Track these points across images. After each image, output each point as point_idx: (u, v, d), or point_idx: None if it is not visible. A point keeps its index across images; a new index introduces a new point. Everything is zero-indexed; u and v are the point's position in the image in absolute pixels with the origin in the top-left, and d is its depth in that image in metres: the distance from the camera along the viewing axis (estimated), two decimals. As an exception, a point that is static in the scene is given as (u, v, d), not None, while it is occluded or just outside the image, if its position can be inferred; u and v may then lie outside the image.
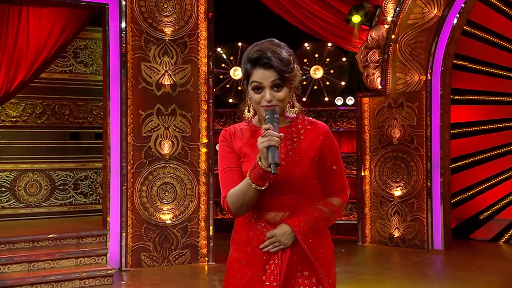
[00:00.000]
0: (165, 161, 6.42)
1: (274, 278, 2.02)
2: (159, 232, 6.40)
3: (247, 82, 2.07)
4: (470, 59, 8.10)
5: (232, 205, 2.05)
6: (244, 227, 2.14)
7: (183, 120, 6.49)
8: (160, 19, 6.46)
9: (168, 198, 6.43)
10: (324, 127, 2.16)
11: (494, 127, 8.04)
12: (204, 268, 6.41)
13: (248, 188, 1.98)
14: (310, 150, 2.09)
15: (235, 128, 2.21)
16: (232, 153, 2.15)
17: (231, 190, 2.06)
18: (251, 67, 2.03)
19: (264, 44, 2.06)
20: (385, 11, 7.58)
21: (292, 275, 2.05)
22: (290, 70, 2.02)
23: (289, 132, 2.11)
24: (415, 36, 7.33)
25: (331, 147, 2.14)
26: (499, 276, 5.89)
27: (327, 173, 2.14)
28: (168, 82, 6.44)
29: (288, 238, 2.03)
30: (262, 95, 2.02)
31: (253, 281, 2.06)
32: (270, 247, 2.05)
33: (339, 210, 2.15)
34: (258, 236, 2.08)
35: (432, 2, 7.21)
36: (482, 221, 8.08)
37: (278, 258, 2.04)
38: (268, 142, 1.88)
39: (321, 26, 7.91)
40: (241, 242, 2.14)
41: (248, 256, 2.10)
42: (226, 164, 2.14)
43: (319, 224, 2.08)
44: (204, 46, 6.58)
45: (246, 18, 8.29)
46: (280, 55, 2.00)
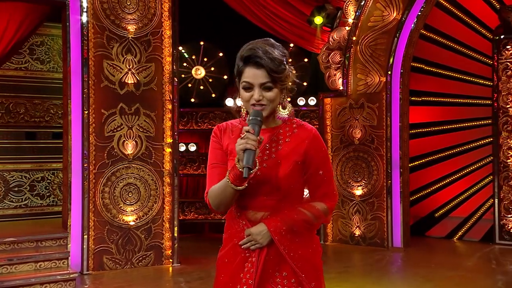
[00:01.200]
0: (128, 162, 6.29)
1: (250, 276, 2.04)
2: (122, 234, 6.26)
3: (239, 80, 2.07)
4: (426, 61, 8.36)
5: (212, 202, 2.09)
6: (228, 226, 2.18)
7: (147, 120, 6.38)
8: (123, 16, 6.32)
9: (131, 199, 6.30)
10: (312, 130, 2.15)
11: (448, 128, 8.33)
12: (169, 270, 6.32)
13: (227, 187, 2.00)
14: (293, 154, 2.08)
15: (227, 124, 2.21)
16: (220, 149, 2.16)
17: (212, 187, 2.09)
18: (243, 65, 2.03)
19: (258, 43, 2.05)
20: (346, 13, 7.71)
21: (270, 275, 2.06)
22: (281, 70, 2.01)
23: (275, 134, 2.11)
24: (375, 38, 7.50)
25: (317, 152, 2.12)
26: (457, 272, 6.11)
27: (312, 177, 2.13)
28: (132, 81, 6.32)
29: (263, 237, 2.04)
30: (251, 94, 2.03)
31: (232, 277, 2.08)
32: (248, 244, 2.06)
33: (322, 215, 2.13)
34: (239, 233, 2.10)
35: (391, 5, 7.40)
36: (437, 219, 8.36)
37: (255, 256, 2.05)
38: (245, 145, 1.89)
39: (284, 26, 7.96)
40: (226, 240, 2.17)
41: (229, 253, 2.12)
42: (212, 160, 2.17)
43: (298, 226, 2.07)
44: (168, 44, 6.49)
45: (209, 17, 8.25)
46: (272, 55, 1.99)
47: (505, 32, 7.71)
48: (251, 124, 1.95)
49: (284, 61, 2.04)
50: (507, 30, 7.69)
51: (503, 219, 7.72)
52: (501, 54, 7.76)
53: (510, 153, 7.70)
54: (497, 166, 7.78)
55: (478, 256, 7.04)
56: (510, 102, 7.69)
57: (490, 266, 6.53)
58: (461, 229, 8.15)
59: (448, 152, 8.32)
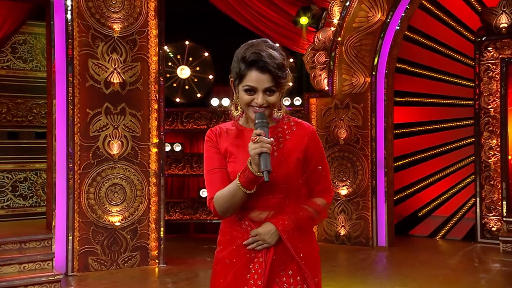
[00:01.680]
0: (114, 162, 6.23)
1: (258, 277, 2.03)
2: (108, 235, 6.20)
3: (239, 82, 2.05)
4: (409, 62, 8.46)
5: (219, 207, 2.05)
6: (229, 228, 2.15)
7: (133, 120, 6.33)
8: (108, 15, 6.26)
9: (117, 199, 6.25)
10: (310, 127, 2.18)
11: (431, 128, 8.43)
12: (155, 271, 6.28)
13: (237, 191, 1.98)
14: (295, 151, 2.10)
15: (221, 128, 2.20)
16: (217, 153, 2.14)
17: (218, 192, 2.06)
18: (246, 68, 2.01)
19: (261, 45, 2.04)
20: (331, 14, 7.75)
21: (276, 274, 2.06)
22: (285, 75, 2.03)
23: (275, 133, 2.12)
24: (360, 39, 7.55)
25: (316, 148, 2.16)
26: (441, 271, 6.19)
27: (312, 173, 2.16)
28: (117, 80, 6.26)
29: (272, 237, 2.04)
30: (253, 97, 2.02)
31: (237, 279, 2.07)
32: (254, 245, 2.05)
33: (323, 210, 2.17)
34: (242, 234, 2.09)
35: (376, 6, 7.46)
36: (420, 218, 8.46)
37: (262, 256, 2.05)
38: (260, 149, 1.89)
39: (269, 26, 7.97)
40: (226, 242, 2.14)
41: (232, 255, 2.10)
42: (211, 165, 2.14)
43: (304, 224, 2.09)
44: (154, 44, 6.45)
45: (194, 17, 8.21)
46: (277, 60, 2.00)
47: (487, 34, 7.83)
48: (260, 127, 1.95)
49: (286, 64, 2.05)
50: (488, 32, 7.81)
51: (484, 218, 7.84)
52: (482, 55, 7.88)
53: (491, 153, 7.82)
54: (478, 166, 7.90)
55: (461, 255, 7.14)
56: (491, 103, 7.82)
57: (473, 264, 6.63)
58: (444, 228, 8.26)
59: (431, 152, 8.43)
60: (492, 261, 6.70)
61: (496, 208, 7.75)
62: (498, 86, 7.77)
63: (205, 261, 6.71)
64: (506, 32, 7.63)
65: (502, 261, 6.66)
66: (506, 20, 7.62)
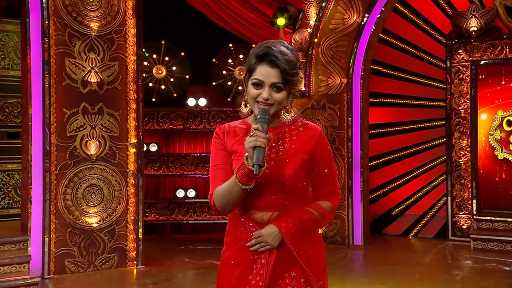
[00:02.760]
0: (91, 162, 6.14)
1: (260, 278, 2.03)
2: (85, 236, 6.11)
3: (249, 76, 2.05)
4: (383, 64, 8.61)
5: (218, 203, 2.06)
6: (233, 227, 2.15)
7: (110, 119, 6.25)
8: (86, 14, 6.16)
9: (94, 200, 6.16)
10: (318, 129, 2.16)
11: (404, 128, 8.61)
12: (133, 272, 6.22)
13: (234, 186, 1.98)
14: (300, 152, 2.08)
15: (230, 126, 2.19)
16: (223, 150, 2.14)
17: (218, 187, 2.06)
18: (256, 62, 2.02)
19: (274, 42, 2.05)
20: (307, 15, 7.83)
21: (279, 276, 2.05)
22: (294, 74, 2.02)
23: (282, 133, 2.11)
24: (336, 40, 7.65)
25: (323, 150, 2.14)
26: (417, 268, 6.33)
27: (318, 175, 2.14)
28: (95, 80, 6.18)
29: (274, 239, 2.03)
30: (259, 91, 2.02)
31: (240, 280, 2.07)
32: (257, 246, 2.05)
33: (329, 214, 2.15)
34: (245, 235, 2.09)
35: (352, 8, 7.57)
36: (393, 217, 8.62)
37: (265, 258, 2.04)
38: (255, 142, 1.88)
39: (246, 27, 7.99)
40: (230, 243, 2.15)
41: (236, 256, 2.10)
42: (216, 161, 2.15)
43: (307, 226, 2.08)
44: (132, 43, 6.39)
45: (171, 16, 8.16)
46: (288, 56, 2.00)
47: (457, 37, 8.05)
48: (259, 122, 1.95)
49: (297, 65, 2.04)
50: (459, 35, 8.03)
51: (455, 216, 8.06)
52: (453, 58, 8.10)
53: (462, 153, 8.04)
54: (450, 166, 8.12)
55: (434, 252, 7.31)
56: (462, 104, 8.04)
57: (446, 261, 6.80)
58: (416, 226, 8.45)
59: (404, 152, 8.61)
60: (464, 258, 6.89)
61: (466, 206, 7.97)
62: (468, 88, 8.00)
63: (183, 261, 6.69)
64: (476, 35, 7.85)
65: (473, 258, 6.86)
66: (475, 24, 7.84)
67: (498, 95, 7.87)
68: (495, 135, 7.89)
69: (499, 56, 7.83)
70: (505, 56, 7.79)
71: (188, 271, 6.24)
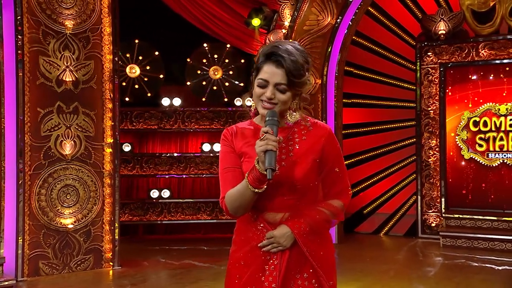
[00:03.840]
0: (66, 162, 6.05)
1: (273, 279, 2.01)
2: (60, 238, 6.01)
3: (256, 75, 2.03)
4: (355, 65, 8.77)
5: (230, 206, 2.04)
6: (244, 228, 2.13)
7: (86, 119, 6.16)
8: (60, 11, 6.06)
9: (69, 201, 6.07)
10: (327, 128, 2.15)
11: (375, 129, 8.79)
12: (109, 273, 6.15)
13: (246, 190, 1.96)
14: (311, 152, 2.07)
15: (237, 127, 2.17)
16: (232, 152, 2.12)
17: (229, 191, 2.04)
18: (263, 61, 2.01)
19: (283, 42, 2.04)
20: (282, 16, 7.89)
21: (291, 276, 2.04)
22: (300, 75, 1.99)
23: (291, 133, 2.09)
24: (311, 41, 7.74)
25: (333, 149, 2.13)
26: (390, 265, 6.48)
27: (328, 174, 2.13)
28: (70, 79, 6.08)
29: (287, 240, 2.02)
30: (264, 91, 2.00)
31: (252, 281, 2.05)
32: (269, 247, 2.04)
33: (340, 213, 2.14)
34: (257, 236, 2.07)
35: (326, 10, 7.68)
36: (365, 215, 8.79)
37: (277, 259, 2.03)
38: (266, 146, 1.86)
39: (221, 27, 8.00)
40: (241, 243, 2.12)
41: (247, 256, 2.08)
42: (226, 164, 2.12)
43: (320, 226, 2.07)
44: (108, 41, 6.32)
45: (144, 15, 8.08)
46: (295, 57, 1.98)
47: (427, 40, 8.27)
48: (268, 125, 1.92)
49: (306, 67, 2.02)
50: (428, 38, 8.25)
51: (424, 215, 8.28)
52: (423, 60, 8.31)
53: (431, 152, 8.27)
54: (419, 165, 8.33)
55: (406, 250, 7.50)
56: (431, 105, 8.26)
57: (418, 258, 6.98)
58: (387, 224, 8.63)
59: (375, 152, 8.78)
60: (434, 255, 7.09)
61: (435, 205, 8.20)
62: (437, 89, 8.23)
63: (159, 262, 6.66)
64: (444, 38, 8.08)
65: (443, 255, 7.06)
66: (444, 27, 8.06)
67: (465, 97, 8.12)
68: (461, 136, 8.13)
69: (466, 59, 8.08)
70: (472, 58, 8.04)
71: (165, 272, 6.21)
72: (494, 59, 7.90)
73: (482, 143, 7.97)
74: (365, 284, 5.55)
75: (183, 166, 8.12)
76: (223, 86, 8.33)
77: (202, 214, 8.13)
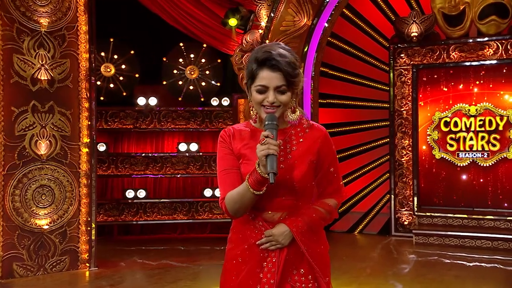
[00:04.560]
0: (41, 162, 5.95)
1: (271, 276, 2.06)
2: (35, 239, 5.91)
3: (251, 82, 2.07)
4: (330, 66, 8.87)
5: (230, 208, 2.08)
6: (241, 226, 2.17)
7: (62, 118, 6.07)
8: (35, 9, 5.96)
9: (45, 202, 5.97)
10: (323, 130, 2.22)
11: (350, 129, 8.91)
12: (85, 275, 6.08)
13: (246, 192, 2.01)
14: (308, 153, 2.13)
15: (234, 129, 2.21)
16: (230, 154, 2.15)
17: (229, 193, 2.08)
18: (258, 68, 2.04)
19: (272, 46, 2.08)
20: (258, 17, 7.92)
21: (289, 273, 2.10)
22: (296, 74, 2.06)
23: (288, 135, 2.15)
24: (287, 42, 7.78)
25: (329, 150, 2.20)
26: (366, 263, 6.59)
27: (324, 175, 2.20)
28: (45, 77, 5.98)
29: (285, 238, 2.08)
30: (264, 96, 2.04)
31: (250, 277, 2.10)
32: (267, 245, 2.09)
33: (334, 211, 2.23)
34: (255, 234, 2.12)
35: (302, 11, 7.75)
36: (340, 214, 8.89)
37: (276, 256, 2.08)
38: (267, 150, 1.91)
39: (197, 26, 7.98)
40: (238, 241, 2.17)
41: (245, 254, 2.13)
42: (224, 166, 2.15)
43: (316, 225, 2.15)
44: (84, 40, 6.23)
45: (120, 14, 8.00)
46: (288, 58, 2.03)
47: (400, 42, 8.43)
48: (268, 129, 1.97)
49: (297, 65, 2.08)
50: (401, 40, 8.41)
51: (397, 213, 8.43)
52: (396, 61, 8.47)
53: (404, 152, 8.43)
54: (393, 165, 8.48)
55: (380, 248, 7.63)
56: (404, 105, 8.42)
57: (393, 256, 7.12)
58: (361, 223, 8.77)
59: (350, 151, 8.90)
60: (408, 253, 7.23)
61: (408, 203, 8.36)
62: (410, 90, 8.39)
63: (136, 262, 6.61)
64: (417, 40, 8.25)
65: (417, 252, 7.21)
66: (416, 30, 8.23)
67: (437, 98, 8.31)
68: (433, 136, 8.33)
69: (437, 61, 8.26)
70: (443, 60, 8.24)
71: (143, 272, 6.17)
72: (464, 61, 8.11)
73: (453, 143, 8.18)
74: (343, 282, 5.62)
75: (159, 166, 8.07)
76: (200, 85, 8.31)
77: (178, 214, 8.10)
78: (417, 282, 5.67)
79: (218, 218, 8.13)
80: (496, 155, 7.94)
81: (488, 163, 8.00)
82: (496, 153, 7.94)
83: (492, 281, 5.71)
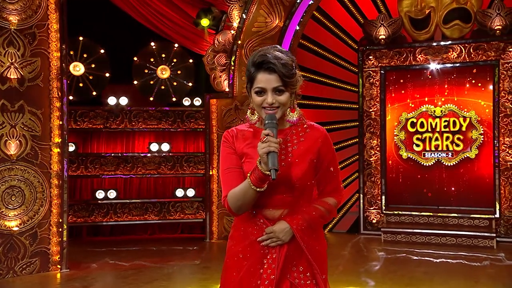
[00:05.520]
0: (11, 163, 5.82)
1: (271, 272, 2.13)
2: (4, 241, 5.78)
3: (251, 85, 2.16)
4: (300, 67, 8.90)
5: (233, 205, 2.14)
6: (242, 223, 2.23)
7: (32, 118, 5.96)
8: (4, 6, 5.83)
9: (15, 203, 5.85)
10: (323, 130, 2.31)
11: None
12: (56, 277, 5.98)
13: (248, 189, 2.08)
14: (309, 152, 2.21)
15: (237, 129, 2.28)
16: (233, 154, 2.22)
17: (231, 191, 2.15)
18: (255, 71, 2.13)
19: (268, 49, 2.16)
20: (230, 17, 7.96)
21: (288, 269, 2.17)
22: (292, 75, 2.15)
23: (290, 135, 2.23)
24: (259, 43, 7.87)
25: (328, 150, 2.29)
26: (338, 261, 6.71)
27: (324, 174, 2.28)
28: (15, 76, 5.86)
29: (286, 235, 2.15)
30: (264, 98, 2.13)
31: (250, 273, 2.16)
32: (268, 241, 2.16)
33: (333, 210, 2.31)
34: (256, 231, 2.19)
35: (274, 13, 7.83)
36: (310, 213, 9.00)
37: (276, 252, 2.16)
38: (268, 148, 1.99)
39: (169, 26, 7.96)
40: (239, 237, 2.23)
41: (246, 250, 2.19)
42: (227, 165, 2.22)
43: (316, 223, 2.22)
44: (55, 39, 6.14)
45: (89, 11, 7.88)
46: (283, 60, 2.11)
47: (368, 44, 8.60)
48: (268, 128, 2.05)
49: (294, 66, 2.17)
50: (369, 42, 8.59)
51: (366, 212, 8.61)
52: (364, 63, 8.65)
53: (372, 152, 8.61)
54: (361, 164, 8.66)
55: (350, 246, 7.77)
56: (372, 106, 8.61)
57: (363, 254, 7.27)
58: (331, 222, 8.89)
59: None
60: (377, 250, 7.40)
61: (376, 202, 8.55)
62: (378, 92, 8.58)
63: (108, 263, 6.55)
64: (384, 43, 8.44)
65: (385, 250, 7.39)
66: (384, 32, 8.43)
67: (403, 99, 8.53)
68: (400, 136, 8.54)
69: (404, 63, 8.48)
70: (409, 63, 8.46)
71: (117, 273, 6.11)
72: (429, 64, 8.35)
73: (419, 143, 8.41)
74: (316, 280, 5.71)
75: (130, 166, 8.01)
76: (171, 85, 8.28)
77: (149, 214, 8.05)
78: (388, 279, 5.81)
79: (190, 218, 8.13)
80: (460, 155, 8.21)
81: (452, 162, 8.26)
82: (460, 152, 8.21)
83: (459, 276, 5.91)
